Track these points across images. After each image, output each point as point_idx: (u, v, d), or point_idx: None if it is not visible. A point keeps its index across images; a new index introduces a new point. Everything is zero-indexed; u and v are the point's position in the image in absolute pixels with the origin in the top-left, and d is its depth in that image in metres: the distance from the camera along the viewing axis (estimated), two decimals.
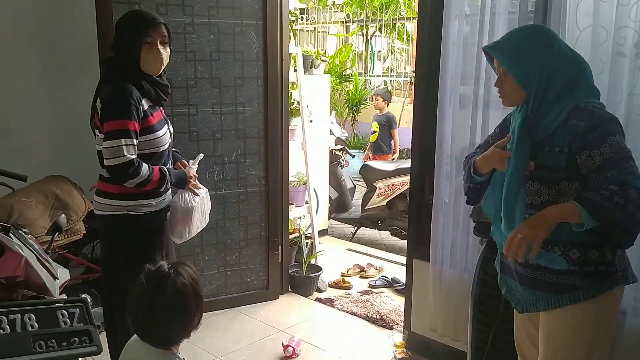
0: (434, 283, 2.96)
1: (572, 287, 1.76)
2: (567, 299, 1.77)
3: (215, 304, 3.69)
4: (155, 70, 2.38)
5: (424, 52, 2.99)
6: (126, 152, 2.24)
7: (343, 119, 9.87)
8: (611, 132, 1.66)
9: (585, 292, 1.75)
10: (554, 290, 1.79)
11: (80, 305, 1.46)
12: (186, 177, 2.53)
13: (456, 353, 2.90)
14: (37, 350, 1.28)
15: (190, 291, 1.71)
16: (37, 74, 3.73)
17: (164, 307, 1.66)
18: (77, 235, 3.11)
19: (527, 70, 1.75)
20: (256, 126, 3.67)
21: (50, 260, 1.85)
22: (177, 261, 1.79)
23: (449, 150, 2.83)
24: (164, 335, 1.72)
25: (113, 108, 2.27)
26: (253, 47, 3.58)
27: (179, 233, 2.54)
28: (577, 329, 1.80)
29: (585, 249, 1.74)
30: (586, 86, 1.78)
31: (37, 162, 3.55)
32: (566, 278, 1.77)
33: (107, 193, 2.38)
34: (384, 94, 7.21)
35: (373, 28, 10.83)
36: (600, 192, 1.60)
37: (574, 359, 1.81)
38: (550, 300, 1.80)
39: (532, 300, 1.87)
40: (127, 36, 2.33)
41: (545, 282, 1.80)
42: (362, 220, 5.65)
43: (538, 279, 1.82)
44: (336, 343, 3.39)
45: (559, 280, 1.78)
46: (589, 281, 1.75)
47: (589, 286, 1.75)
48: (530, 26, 2.09)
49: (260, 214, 3.79)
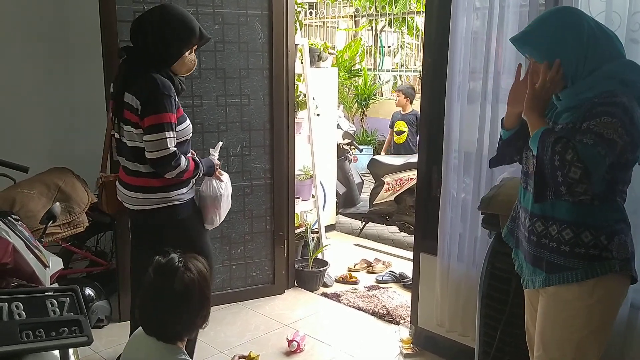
0: (441, 277, 2.90)
1: (562, 267, 1.76)
2: (556, 278, 1.78)
3: (220, 298, 3.65)
4: (184, 73, 2.50)
5: (432, 46, 2.94)
6: (169, 145, 2.33)
7: (352, 114, 9.81)
8: (611, 114, 1.60)
9: (574, 274, 1.74)
10: (547, 269, 1.80)
11: (71, 295, 1.41)
12: (213, 165, 2.62)
13: (464, 349, 2.84)
14: (24, 339, 1.24)
15: (196, 288, 1.68)
16: (39, 65, 3.72)
17: (169, 301, 1.63)
18: (80, 228, 3.09)
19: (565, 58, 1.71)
20: (261, 118, 3.62)
21: (42, 248, 1.81)
22: (190, 255, 1.75)
23: (457, 145, 2.78)
24: (168, 329, 1.69)
25: (156, 102, 2.32)
26: (258, 37, 3.52)
27: (210, 220, 2.64)
28: (567, 312, 1.78)
29: (579, 230, 1.72)
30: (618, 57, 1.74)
31: (38, 154, 3.53)
32: (558, 257, 1.77)
33: (149, 187, 2.44)
34: (406, 90, 6.42)
35: (382, 22, 10.75)
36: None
37: (564, 339, 1.79)
38: (544, 278, 1.81)
39: (531, 277, 1.89)
40: (171, 40, 2.38)
41: (541, 260, 1.81)
42: (370, 216, 5.59)
43: (537, 255, 1.83)
44: (341, 338, 3.33)
45: (551, 258, 1.78)
46: (579, 263, 1.73)
47: (579, 268, 1.73)
48: (555, 10, 1.86)
49: (266, 207, 3.74)
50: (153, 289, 1.69)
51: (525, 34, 1.80)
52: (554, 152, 1.57)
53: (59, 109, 3.74)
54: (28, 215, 2.79)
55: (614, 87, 1.66)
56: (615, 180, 1.72)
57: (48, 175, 3.19)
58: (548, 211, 1.78)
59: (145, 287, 1.70)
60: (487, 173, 2.66)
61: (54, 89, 3.73)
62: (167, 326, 1.69)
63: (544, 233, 1.79)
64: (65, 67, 3.75)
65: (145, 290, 1.70)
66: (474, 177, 2.71)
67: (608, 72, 1.69)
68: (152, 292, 1.69)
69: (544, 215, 1.79)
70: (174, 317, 1.68)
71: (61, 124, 3.73)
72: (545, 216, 1.78)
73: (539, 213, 1.80)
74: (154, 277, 1.69)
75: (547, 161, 1.60)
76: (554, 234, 1.76)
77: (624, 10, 2.17)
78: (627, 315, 2.25)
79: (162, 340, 1.70)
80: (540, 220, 1.80)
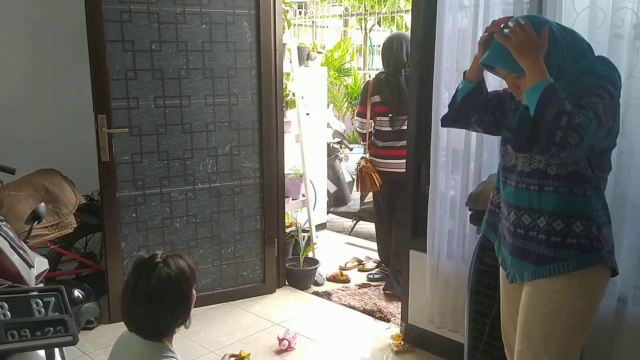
0: (431, 274, 2.91)
1: (553, 259, 1.75)
2: (547, 271, 1.76)
3: (211, 297, 3.64)
4: None
5: (419, 43, 2.94)
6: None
7: (342, 113, 9.81)
8: (602, 97, 1.60)
9: (566, 265, 1.73)
10: (537, 261, 1.78)
11: (56, 294, 1.40)
12: None
13: (454, 345, 2.85)
14: (9, 339, 1.23)
15: (173, 284, 1.66)
16: (26, 66, 3.69)
17: (145, 296, 1.62)
18: (67, 229, 3.08)
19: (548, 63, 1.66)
20: (250, 117, 3.62)
21: (27, 248, 1.80)
22: (173, 253, 1.75)
23: (445, 142, 2.78)
24: (148, 326, 1.68)
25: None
26: (246, 37, 3.52)
27: None
28: (553, 304, 1.77)
29: (570, 220, 1.72)
30: (589, 52, 1.75)
31: (26, 156, 3.50)
32: (548, 249, 1.75)
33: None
34: None
35: (372, 21, 10.76)
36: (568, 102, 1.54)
37: (548, 332, 1.78)
38: (533, 270, 1.80)
39: (518, 270, 1.87)
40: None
41: (529, 252, 1.80)
42: (360, 214, 5.59)
43: (524, 248, 1.81)
44: (333, 336, 3.34)
45: (540, 250, 1.77)
46: (571, 254, 1.73)
47: (570, 259, 1.73)
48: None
49: (256, 206, 3.74)
50: (132, 284, 1.68)
51: (495, 52, 1.72)
52: (564, 111, 1.49)
53: (46, 110, 3.72)
54: (15, 217, 2.77)
55: (594, 81, 1.66)
56: (596, 166, 1.73)
57: (35, 177, 3.17)
58: (535, 204, 1.77)
59: (125, 283, 1.69)
60: (475, 170, 2.67)
61: (41, 90, 3.71)
62: (146, 323, 1.68)
63: (532, 225, 1.78)
64: (52, 68, 3.72)
65: (125, 286, 1.70)
66: (462, 174, 2.72)
67: (586, 68, 1.69)
68: (130, 288, 1.68)
69: (531, 208, 1.78)
70: (151, 313, 1.66)
71: (48, 125, 3.70)
72: (532, 209, 1.78)
73: (526, 206, 1.79)
74: (133, 272, 1.69)
75: (551, 116, 1.51)
76: (542, 225, 1.76)
77: (608, 6, 2.18)
78: (614, 308, 2.27)
79: (144, 338, 1.69)
80: (527, 213, 1.79)
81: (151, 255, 1.71)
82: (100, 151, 3.20)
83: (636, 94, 2.19)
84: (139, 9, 3.21)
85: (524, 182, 1.80)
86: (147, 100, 3.32)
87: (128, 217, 3.37)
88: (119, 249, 3.36)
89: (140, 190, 3.38)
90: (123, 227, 3.36)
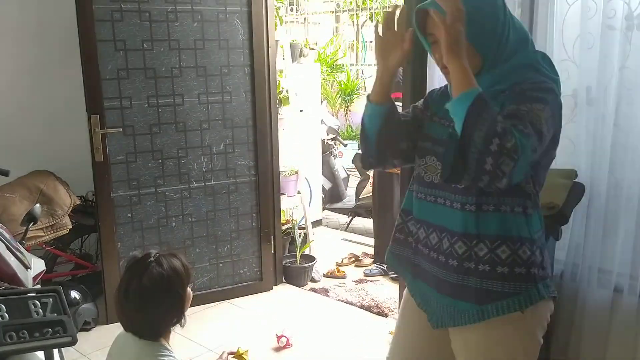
0: None
1: (500, 295, 1.42)
2: (493, 310, 1.42)
3: (208, 296, 3.64)
4: None
5: None
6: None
7: (336, 109, 9.81)
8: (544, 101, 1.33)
9: (517, 301, 1.42)
10: (478, 299, 1.43)
11: (54, 295, 1.40)
12: None
13: None
14: (7, 341, 1.22)
15: (165, 283, 1.65)
16: (17, 66, 3.66)
17: (137, 296, 1.61)
18: (63, 231, 3.07)
19: (482, 32, 1.38)
20: (244, 115, 3.61)
21: (23, 250, 1.79)
22: (168, 252, 1.74)
23: None
24: (142, 325, 1.67)
25: None
26: (238, 34, 3.51)
27: None
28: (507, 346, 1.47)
29: (516, 246, 1.41)
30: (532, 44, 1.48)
31: (19, 157, 3.48)
32: (493, 283, 1.42)
33: None
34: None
35: (363, 17, 10.75)
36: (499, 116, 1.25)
37: None
38: (473, 312, 1.44)
39: (450, 312, 1.50)
40: None
41: (467, 289, 1.44)
42: (356, 210, 5.58)
43: (459, 284, 1.45)
44: (331, 332, 3.34)
45: (483, 285, 1.42)
46: (521, 286, 1.42)
47: (522, 293, 1.42)
48: None
49: (251, 204, 3.73)
50: (124, 284, 1.67)
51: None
52: (494, 132, 1.21)
53: (38, 111, 3.69)
54: (10, 219, 2.76)
55: (536, 78, 1.39)
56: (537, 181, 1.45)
57: (29, 179, 3.16)
58: (471, 228, 1.42)
59: (119, 282, 1.69)
60: None
61: (33, 91, 3.68)
62: (140, 322, 1.67)
63: (467, 255, 1.43)
64: (44, 69, 3.70)
65: (118, 285, 1.69)
66: None
67: (528, 60, 1.43)
68: (123, 288, 1.67)
69: (466, 233, 1.43)
70: (144, 312, 1.65)
71: (42, 126, 3.68)
72: (467, 235, 1.43)
73: (460, 231, 1.44)
74: (126, 271, 1.69)
75: (481, 139, 1.22)
76: (482, 254, 1.42)
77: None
78: (611, 298, 2.28)
79: (140, 337, 1.69)
80: (461, 239, 1.44)
81: (144, 255, 1.70)
82: (94, 151, 3.19)
83: (629, 85, 2.20)
84: (130, 7, 3.20)
85: (458, 201, 1.44)
86: (140, 100, 3.30)
87: (123, 218, 3.36)
88: (114, 250, 3.35)
89: (135, 190, 3.37)
90: (118, 227, 3.35)
